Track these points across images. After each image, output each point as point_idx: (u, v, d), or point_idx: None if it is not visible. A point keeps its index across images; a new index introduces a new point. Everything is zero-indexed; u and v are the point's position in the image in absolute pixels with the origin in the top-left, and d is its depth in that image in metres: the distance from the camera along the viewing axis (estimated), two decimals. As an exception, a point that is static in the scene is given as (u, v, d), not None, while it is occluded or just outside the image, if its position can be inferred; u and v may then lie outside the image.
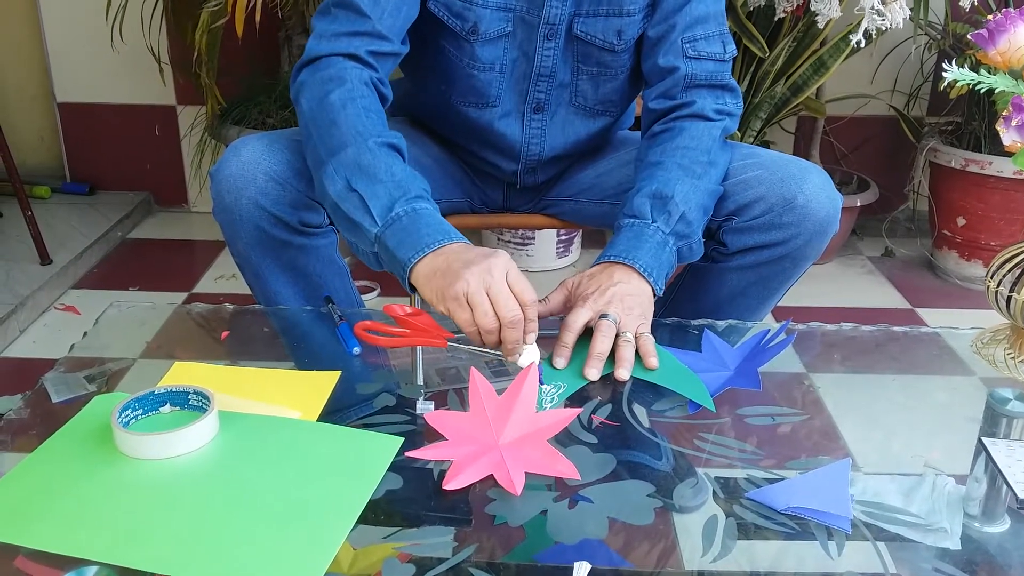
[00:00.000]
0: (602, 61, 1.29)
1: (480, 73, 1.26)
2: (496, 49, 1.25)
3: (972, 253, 2.46)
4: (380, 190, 1.04)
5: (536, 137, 1.34)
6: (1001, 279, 1.11)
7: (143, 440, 0.83)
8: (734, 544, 0.76)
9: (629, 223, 1.16)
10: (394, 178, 1.05)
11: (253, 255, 1.22)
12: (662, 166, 1.19)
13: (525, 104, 1.31)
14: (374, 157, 1.06)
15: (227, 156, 1.19)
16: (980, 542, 0.78)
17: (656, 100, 1.27)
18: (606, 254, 1.13)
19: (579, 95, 1.32)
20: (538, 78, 1.28)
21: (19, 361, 2.00)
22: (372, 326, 1.06)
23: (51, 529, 0.74)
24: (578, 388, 0.99)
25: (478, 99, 1.29)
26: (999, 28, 1.07)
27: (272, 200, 1.17)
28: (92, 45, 2.65)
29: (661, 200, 1.15)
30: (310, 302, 1.27)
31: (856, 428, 0.96)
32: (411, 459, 0.85)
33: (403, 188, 1.04)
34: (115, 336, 1.12)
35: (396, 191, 1.04)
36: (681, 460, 0.88)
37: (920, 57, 2.58)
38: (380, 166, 1.05)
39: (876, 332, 1.17)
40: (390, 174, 1.05)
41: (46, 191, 2.80)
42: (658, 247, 1.13)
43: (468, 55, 1.25)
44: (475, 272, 0.95)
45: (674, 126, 1.24)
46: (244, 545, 0.72)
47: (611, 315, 1.04)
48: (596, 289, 1.08)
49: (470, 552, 0.74)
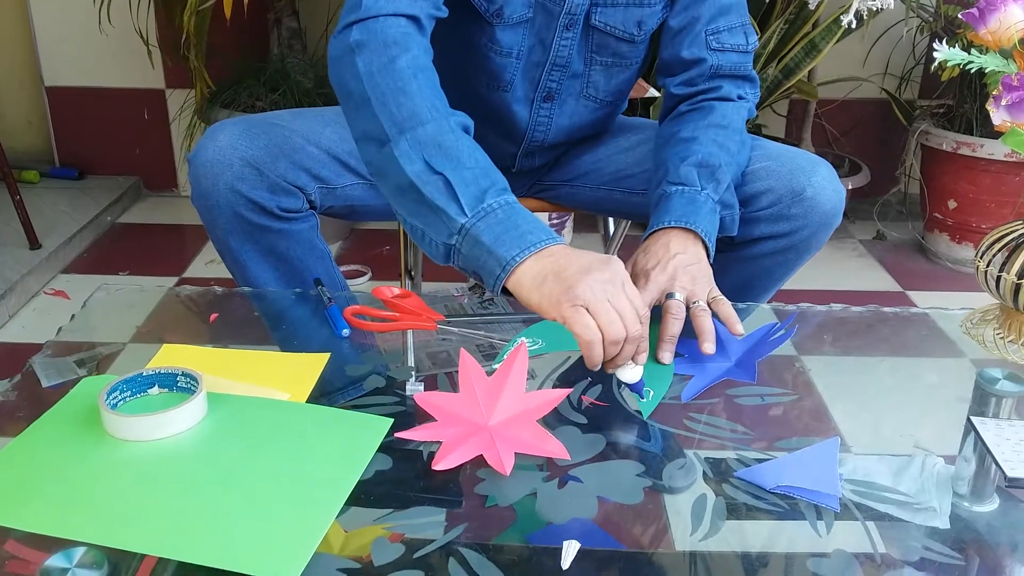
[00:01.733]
0: (619, 52, 1.27)
1: (497, 57, 1.24)
2: (516, 35, 1.23)
3: (963, 236, 2.47)
4: (468, 176, 0.94)
5: (543, 124, 1.33)
6: (991, 259, 1.11)
7: (131, 421, 0.82)
8: (723, 523, 0.76)
9: (679, 190, 1.12)
10: (479, 165, 0.96)
11: (232, 241, 1.22)
12: (698, 141, 1.18)
13: (536, 92, 1.29)
14: (457, 139, 0.96)
15: (204, 141, 1.19)
16: (969, 521, 0.78)
17: (679, 87, 1.27)
18: (662, 219, 1.09)
19: (591, 86, 1.31)
20: (552, 67, 1.27)
21: (8, 346, 2.00)
22: (361, 310, 1.06)
23: (39, 511, 0.74)
24: (556, 351, 0.99)
25: (490, 81, 1.27)
26: (990, 7, 1.06)
27: (249, 185, 1.17)
28: (80, 29, 2.64)
29: (708, 169, 1.14)
30: (291, 287, 1.26)
31: (846, 408, 0.96)
32: (401, 440, 0.85)
33: (492, 178, 0.95)
34: (104, 320, 1.12)
35: (485, 180, 0.95)
36: (671, 440, 0.88)
37: (912, 40, 2.57)
38: (464, 150, 0.96)
39: (866, 313, 1.17)
40: (474, 160, 0.96)
41: (35, 175, 2.78)
42: (711, 213, 1.11)
43: (488, 37, 1.22)
44: (598, 280, 0.88)
45: (704, 105, 1.24)
46: (233, 526, 0.72)
47: (677, 293, 1.02)
48: (656, 264, 1.05)
49: (460, 532, 0.74)
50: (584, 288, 0.87)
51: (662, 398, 0.94)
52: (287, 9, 2.49)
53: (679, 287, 1.03)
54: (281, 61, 2.51)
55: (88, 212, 2.61)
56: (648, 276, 1.04)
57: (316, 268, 1.28)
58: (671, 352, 0.99)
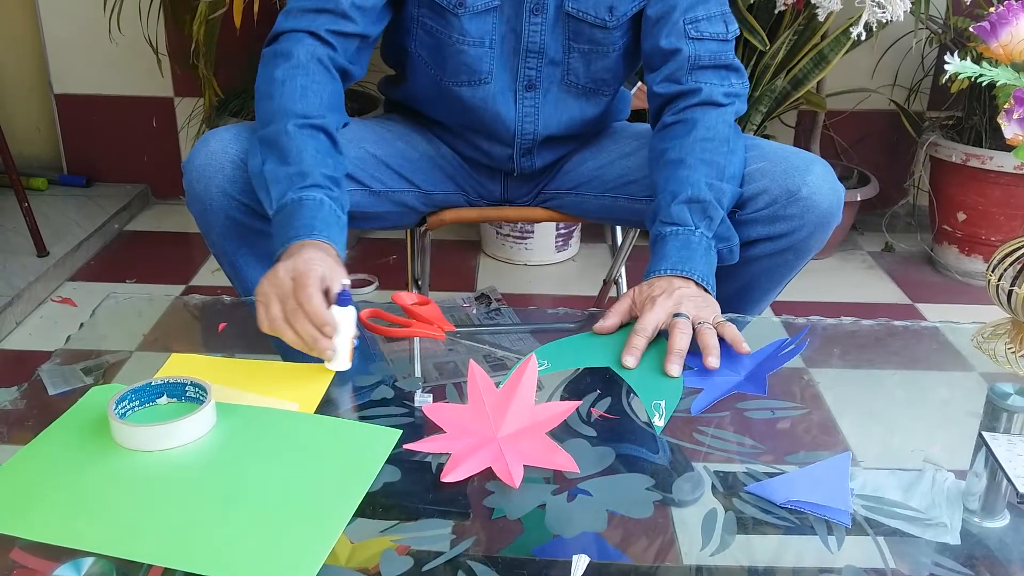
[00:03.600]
0: (594, 39, 1.28)
1: (470, 48, 1.26)
2: (484, 23, 1.25)
3: (972, 248, 2.46)
4: (282, 174, 1.09)
5: (530, 116, 1.33)
6: (1002, 273, 1.11)
7: (139, 431, 0.82)
8: (733, 538, 0.76)
9: (673, 231, 1.13)
10: (301, 164, 1.09)
11: (228, 245, 1.23)
12: (685, 164, 1.18)
13: (517, 82, 1.30)
14: (289, 139, 1.11)
15: (197, 147, 1.21)
16: (980, 537, 0.78)
17: (661, 84, 1.27)
18: (659, 268, 1.11)
19: (571, 73, 1.32)
20: (527, 54, 1.28)
21: (15, 353, 2.00)
22: (376, 314, 1.05)
23: (47, 520, 0.73)
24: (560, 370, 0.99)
25: (470, 76, 1.28)
26: (1001, 20, 1.06)
27: (240, 188, 1.18)
28: (90, 36, 2.64)
29: (699, 205, 1.14)
30: None
31: (856, 423, 0.96)
32: (409, 452, 0.84)
33: (303, 175, 1.08)
34: (112, 328, 1.12)
35: (296, 177, 1.08)
36: (680, 454, 0.88)
37: (921, 51, 2.57)
38: (292, 149, 1.10)
39: (876, 327, 1.16)
40: (299, 158, 1.09)
41: (43, 183, 2.79)
42: (706, 253, 1.12)
43: (457, 30, 1.25)
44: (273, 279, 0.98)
45: (687, 117, 1.23)
46: (241, 537, 0.72)
47: (684, 313, 1.03)
48: (662, 293, 1.06)
49: (468, 545, 0.73)
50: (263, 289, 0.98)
51: (674, 411, 0.93)
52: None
53: (685, 310, 1.04)
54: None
55: (96, 220, 2.61)
56: (655, 301, 1.05)
57: None
58: (679, 365, 0.99)
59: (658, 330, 1.03)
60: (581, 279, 2.45)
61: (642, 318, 1.03)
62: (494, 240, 2.54)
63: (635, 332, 1.02)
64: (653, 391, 0.95)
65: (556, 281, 2.45)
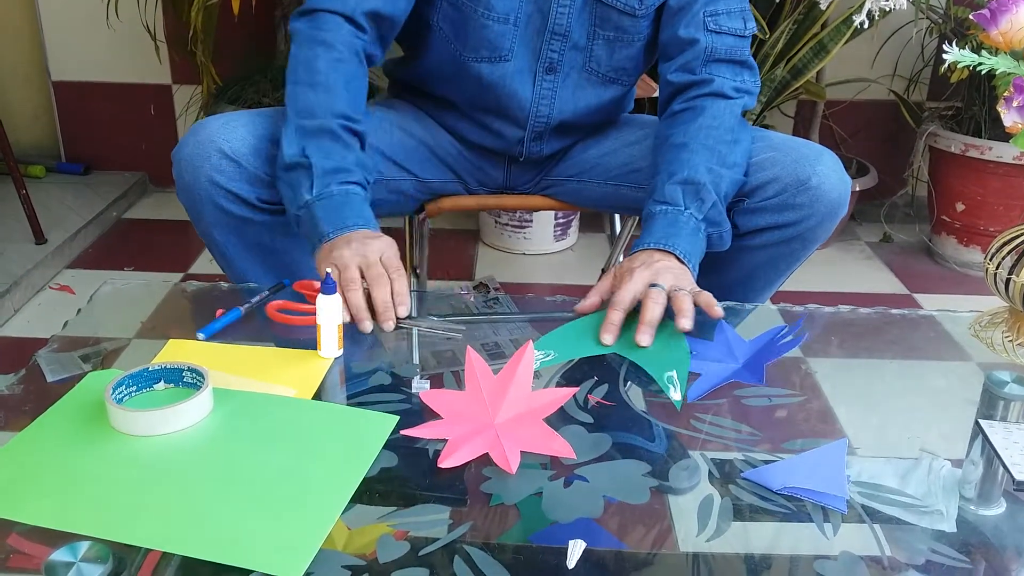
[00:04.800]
0: (621, 26, 1.28)
1: (494, 24, 1.25)
2: (511, 0, 1.24)
3: (971, 239, 2.46)
4: (329, 165, 1.13)
5: (547, 99, 1.33)
6: (1000, 261, 1.11)
7: (137, 416, 0.82)
8: (729, 525, 0.76)
9: (662, 210, 1.15)
10: (345, 161, 1.14)
11: (216, 234, 1.23)
12: (687, 148, 1.19)
13: (538, 63, 1.30)
14: (335, 139, 1.15)
15: (186, 136, 1.22)
16: (976, 524, 0.78)
17: (675, 73, 1.27)
18: (644, 241, 1.13)
19: (593, 60, 1.32)
20: (552, 36, 1.28)
21: (13, 340, 2.00)
22: (284, 305, 1.06)
23: (44, 505, 0.74)
24: (567, 360, 0.99)
25: (491, 52, 1.28)
26: (1001, 8, 1.06)
27: (227, 177, 1.18)
28: (87, 23, 2.63)
29: (693, 187, 1.15)
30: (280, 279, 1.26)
31: (853, 411, 0.96)
32: (406, 437, 0.85)
33: (347, 172, 1.13)
34: (109, 315, 1.12)
35: (341, 173, 1.13)
36: (677, 440, 0.88)
37: (921, 41, 2.56)
38: (337, 147, 1.15)
39: (873, 315, 1.16)
40: (341, 156, 1.14)
41: (41, 170, 2.78)
42: (692, 233, 1.13)
43: (483, 4, 1.24)
44: (357, 249, 1.05)
45: (695, 105, 1.24)
46: (238, 522, 0.72)
47: (660, 284, 1.04)
48: (641, 264, 1.07)
49: (465, 531, 0.73)
50: (337, 254, 1.05)
51: (686, 380, 0.94)
52: (294, 5, 2.49)
53: (663, 280, 1.05)
54: (288, 57, 2.51)
55: (94, 207, 2.61)
56: (633, 272, 1.06)
57: (304, 260, 1.28)
58: (649, 336, 1.00)
59: (636, 301, 1.04)
60: (580, 268, 2.45)
61: (619, 291, 1.04)
62: (493, 229, 2.54)
63: (611, 306, 1.03)
64: (661, 365, 0.96)
65: (555, 270, 2.45)
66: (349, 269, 1.03)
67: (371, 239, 1.07)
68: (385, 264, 1.05)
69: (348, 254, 1.04)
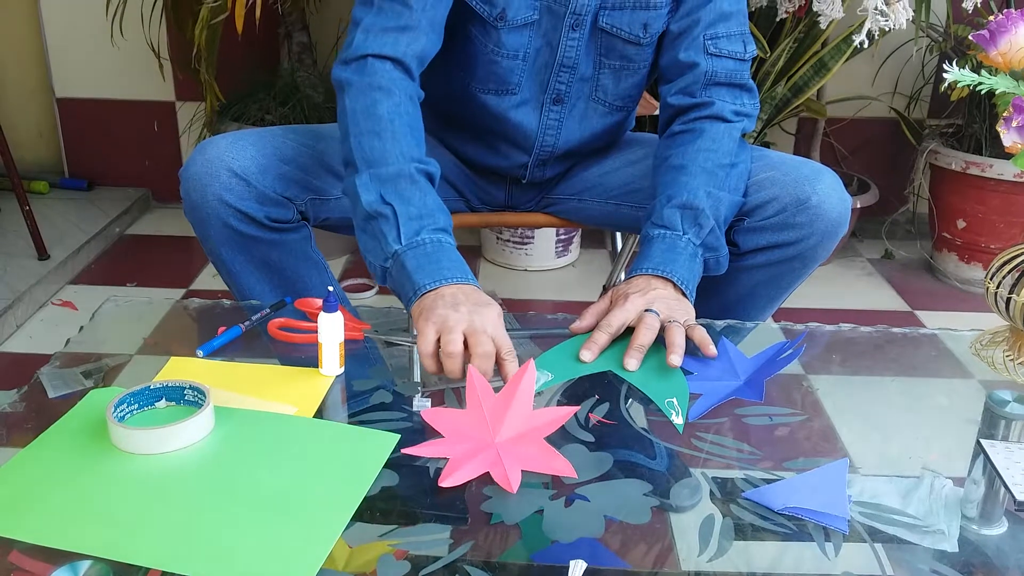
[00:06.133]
0: (626, 55, 1.29)
1: (503, 60, 1.26)
2: (521, 37, 1.24)
3: (972, 256, 2.46)
4: (413, 211, 1.06)
5: (552, 129, 1.33)
6: (1001, 281, 1.11)
7: (138, 435, 0.82)
8: (730, 544, 0.76)
9: (661, 234, 1.14)
10: (425, 206, 1.07)
11: (224, 252, 1.23)
12: (686, 170, 1.19)
13: (545, 94, 1.30)
14: (412, 183, 1.08)
15: (193, 155, 1.21)
16: (977, 544, 0.78)
17: (675, 96, 1.27)
18: (641, 266, 1.12)
19: (600, 89, 1.32)
20: (560, 69, 1.28)
21: (15, 356, 2.00)
22: (286, 323, 1.06)
23: (45, 523, 0.74)
24: (565, 380, 0.99)
25: (498, 86, 1.28)
26: (1000, 28, 1.06)
27: (236, 196, 1.18)
28: (92, 40, 2.65)
29: (692, 211, 1.15)
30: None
31: (854, 429, 0.96)
32: (407, 456, 0.85)
33: (433, 217, 1.07)
34: (111, 331, 1.12)
35: (426, 219, 1.06)
36: (678, 459, 0.88)
37: (921, 59, 2.57)
38: (415, 193, 1.08)
39: (875, 333, 1.16)
40: (423, 202, 1.08)
41: (44, 186, 2.79)
42: (690, 259, 1.13)
43: (494, 41, 1.24)
44: (464, 314, 0.96)
45: (695, 127, 1.24)
46: (239, 541, 0.72)
47: (655, 310, 1.03)
48: (637, 291, 1.07)
49: (466, 550, 0.73)
50: (443, 313, 0.96)
51: (687, 408, 0.93)
52: (297, 24, 2.50)
53: (657, 309, 1.04)
54: (291, 75, 2.52)
55: (97, 223, 2.61)
56: (628, 297, 1.06)
57: (311, 279, 1.28)
58: (636, 360, 0.99)
59: (624, 326, 1.03)
60: (581, 285, 2.45)
61: (610, 314, 1.04)
62: (494, 245, 2.54)
63: (599, 328, 1.03)
64: (661, 390, 0.96)
65: (556, 286, 2.45)
66: (453, 333, 0.94)
67: (482, 307, 0.98)
68: (495, 339, 0.96)
69: (456, 317, 0.96)
